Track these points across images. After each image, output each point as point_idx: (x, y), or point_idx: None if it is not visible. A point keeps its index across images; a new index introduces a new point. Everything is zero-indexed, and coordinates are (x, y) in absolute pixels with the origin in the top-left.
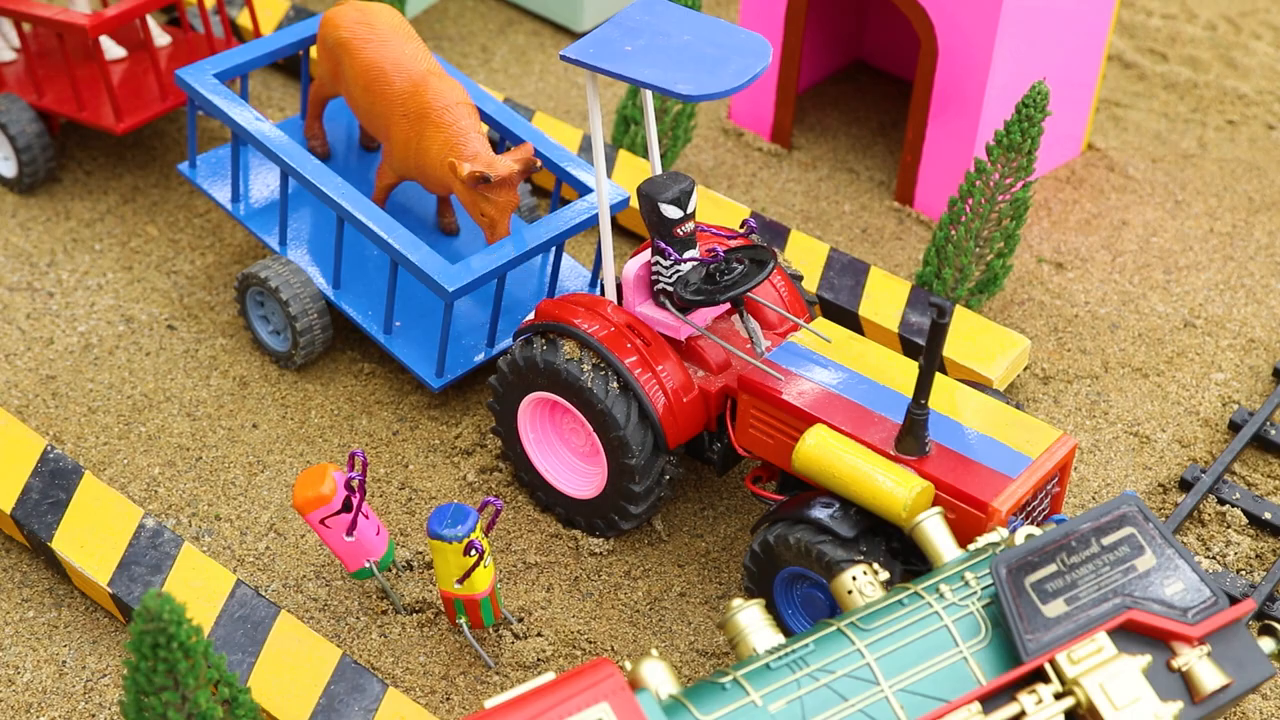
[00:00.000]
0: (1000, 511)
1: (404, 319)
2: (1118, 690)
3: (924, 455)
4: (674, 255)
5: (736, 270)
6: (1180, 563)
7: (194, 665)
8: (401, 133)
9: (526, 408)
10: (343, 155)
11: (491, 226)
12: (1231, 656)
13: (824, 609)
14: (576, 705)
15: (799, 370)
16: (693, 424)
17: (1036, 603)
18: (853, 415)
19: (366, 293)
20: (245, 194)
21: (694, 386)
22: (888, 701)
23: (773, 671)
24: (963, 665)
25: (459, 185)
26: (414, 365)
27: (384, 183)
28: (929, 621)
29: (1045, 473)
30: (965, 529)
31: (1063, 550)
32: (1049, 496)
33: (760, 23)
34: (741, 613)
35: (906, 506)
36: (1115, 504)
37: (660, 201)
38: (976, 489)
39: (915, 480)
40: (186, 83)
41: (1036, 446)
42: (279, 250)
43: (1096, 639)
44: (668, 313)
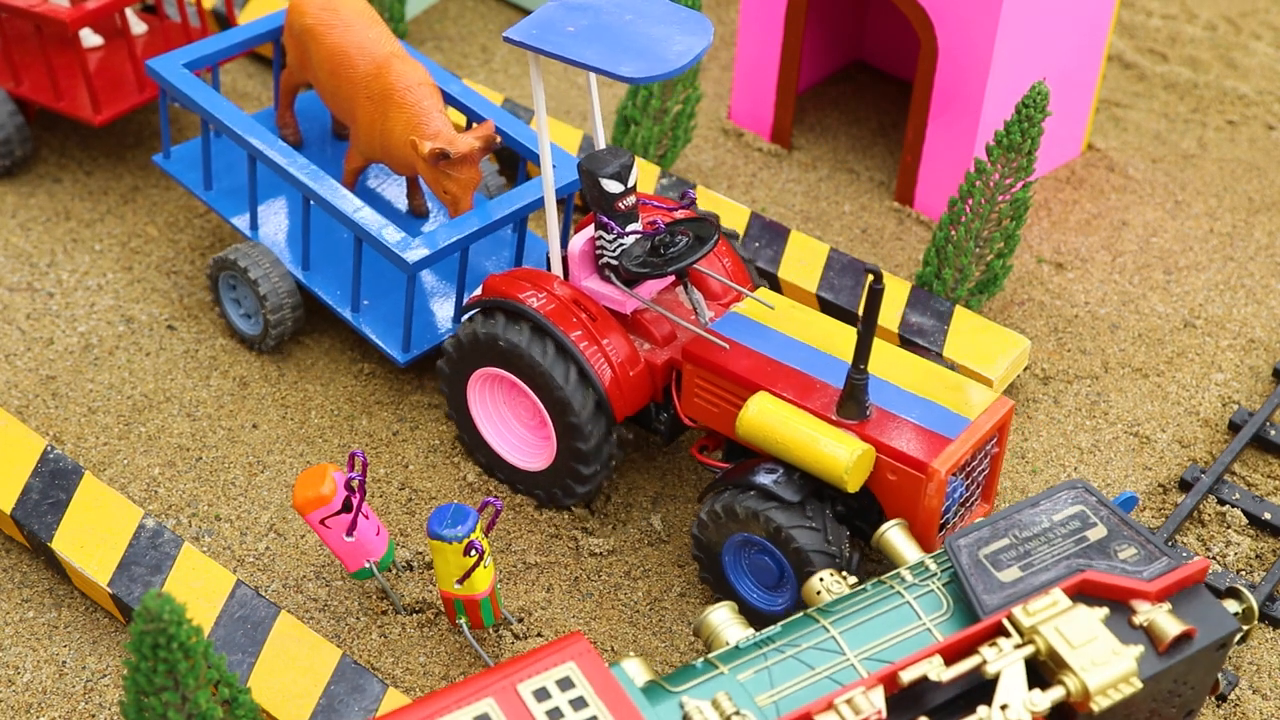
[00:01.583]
0: (940, 472)
1: (373, 298)
2: (1074, 631)
3: (865, 419)
4: (617, 229)
5: (680, 242)
6: (1130, 532)
7: (194, 665)
8: (366, 114)
9: (475, 383)
10: (318, 145)
11: (455, 203)
12: (1194, 614)
13: (773, 574)
14: (544, 666)
15: (742, 339)
16: (640, 396)
17: (991, 570)
18: (795, 382)
19: (336, 274)
20: (217, 181)
21: (640, 359)
22: (854, 668)
23: (742, 651)
24: (926, 635)
25: (422, 163)
26: (381, 341)
27: (352, 166)
28: (892, 599)
29: (984, 433)
30: (906, 491)
31: (1014, 527)
32: (988, 457)
33: (760, 23)
34: (713, 613)
35: (848, 469)
36: (1063, 486)
37: (601, 176)
38: (916, 450)
39: (856, 444)
40: (157, 72)
41: (975, 408)
42: (250, 235)
43: (1052, 594)
44: (613, 286)
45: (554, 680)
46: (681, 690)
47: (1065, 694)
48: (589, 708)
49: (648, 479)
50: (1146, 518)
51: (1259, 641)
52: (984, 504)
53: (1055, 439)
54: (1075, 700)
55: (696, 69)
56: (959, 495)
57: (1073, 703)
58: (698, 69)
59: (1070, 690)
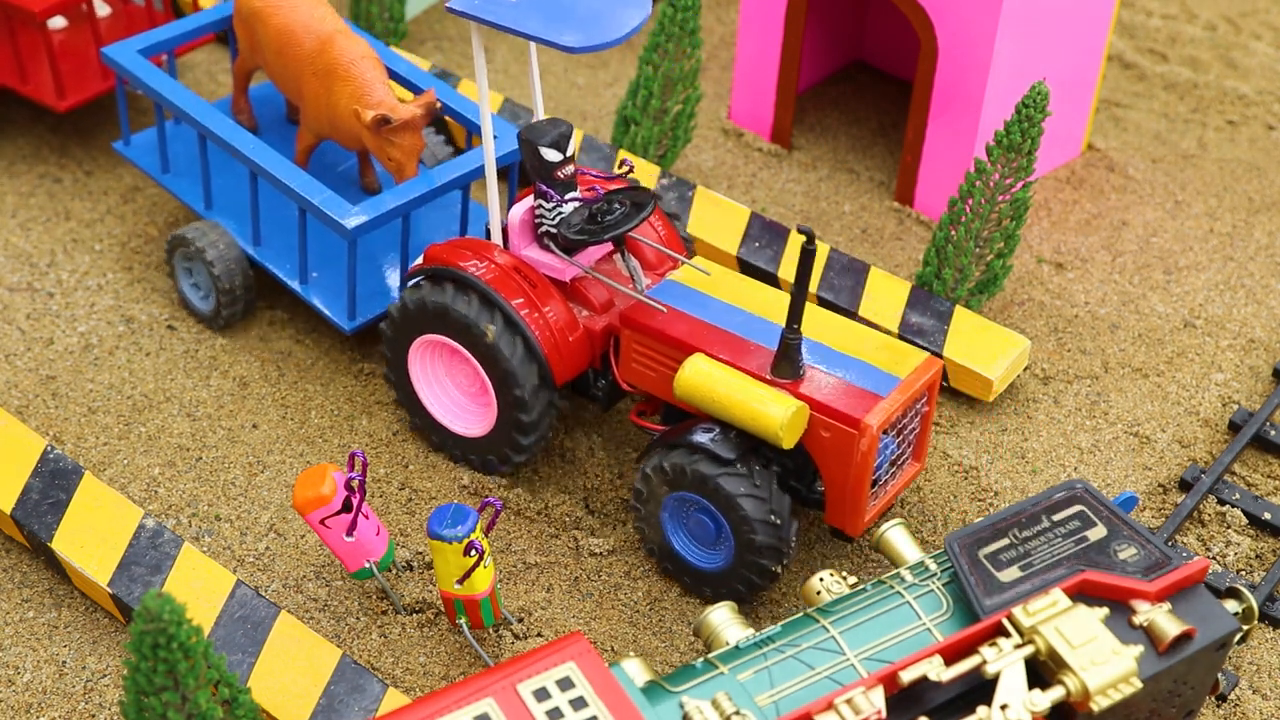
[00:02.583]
0: (871, 427)
1: (321, 270)
2: (1074, 631)
3: (799, 379)
4: (556, 197)
5: (617, 210)
6: (1130, 532)
7: (194, 665)
8: (313, 90)
9: (416, 350)
10: (273, 130)
11: (399, 170)
12: (1194, 614)
13: (711, 533)
14: (544, 666)
15: (678, 305)
16: (578, 361)
17: (991, 570)
18: (730, 345)
19: (286, 248)
20: (175, 166)
21: (579, 325)
22: (854, 668)
23: (742, 651)
24: (926, 635)
25: (366, 132)
26: (328, 310)
27: (303, 144)
28: (892, 599)
29: (914, 391)
30: (839, 447)
31: (1014, 527)
32: (919, 416)
33: (760, 23)
34: (713, 614)
35: (782, 425)
36: (1062, 486)
37: (540, 145)
38: (848, 407)
39: (790, 401)
40: (113, 60)
41: (905, 367)
42: (203, 213)
43: (1052, 594)
44: (552, 254)
45: (554, 680)
46: (681, 690)
47: (1065, 694)
48: (589, 708)
49: None
50: (1146, 518)
51: (1259, 641)
52: (915, 463)
53: (1055, 439)
54: (1075, 700)
55: (696, 69)
56: (890, 453)
57: (1073, 703)
58: (698, 69)
59: (1070, 690)
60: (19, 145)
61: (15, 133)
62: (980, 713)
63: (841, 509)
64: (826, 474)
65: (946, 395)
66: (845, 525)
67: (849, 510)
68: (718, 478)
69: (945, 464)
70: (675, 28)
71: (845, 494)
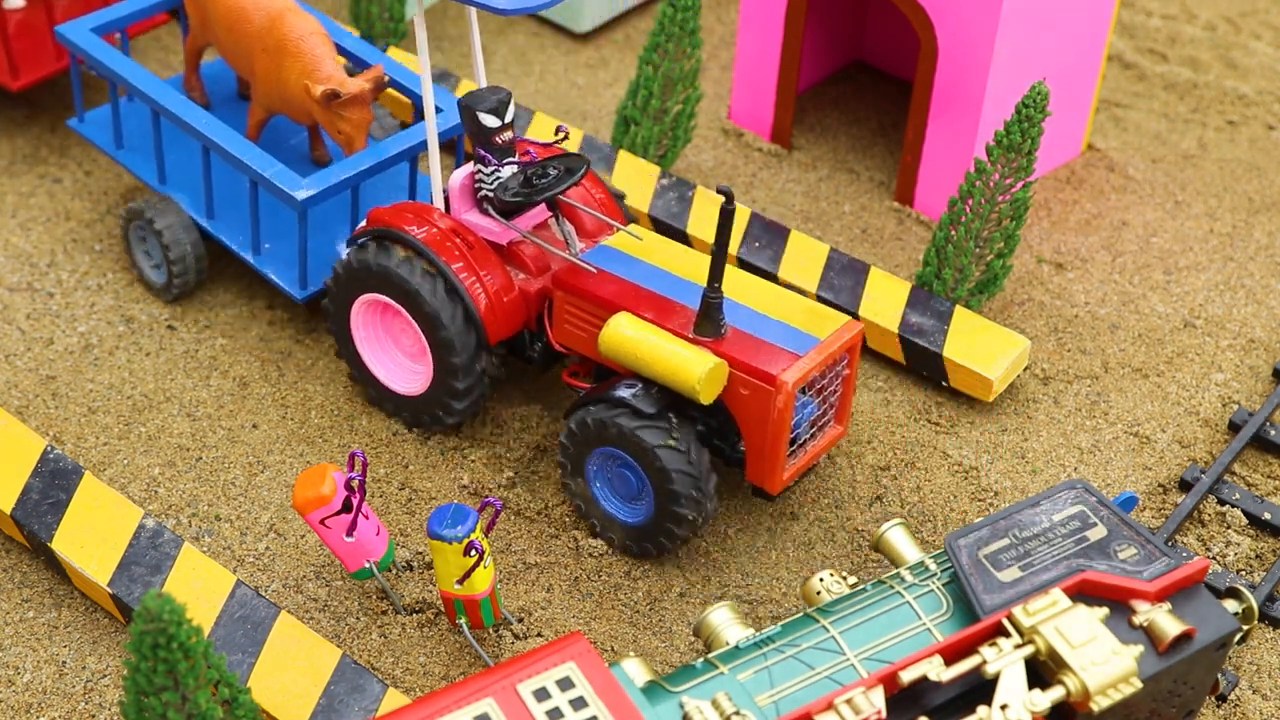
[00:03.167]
0: (787, 384)
1: (274, 242)
2: (1074, 631)
3: (720, 338)
4: (494, 162)
5: (551, 174)
6: (1130, 532)
7: (194, 665)
8: (263, 66)
9: (359, 309)
10: (225, 107)
11: (349, 142)
12: (1194, 614)
13: (633, 487)
14: (544, 666)
15: (609, 267)
16: (513, 322)
17: (991, 570)
18: (656, 305)
19: (239, 221)
20: (126, 141)
21: (514, 287)
22: (854, 669)
23: (742, 651)
24: (926, 635)
25: (316, 106)
26: (281, 280)
27: (255, 120)
28: (892, 599)
29: (831, 352)
30: (757, 404)
31: (1014, 527)
32: (840, 378)
33: (760, 23)
34: (712, 614)
35: (700, 380)
36: (1063, 486)
37: (479, 111)
38: (765, 364)
39: (709, 357)
40: (66, 38)
41: (825, 329)
42: (157, 187)
43: (1052, 594)
44: (490, 218)
45: (554, 680)
46: (681, 690)
47: (1065, 694)
48: (589, 708)
49: None
50: (1146, 518)
51: (1259, 641)
52: (837, 425)
53: (1055, 439)
54: (1075, 700)
55: (696, 69)
56: (810, 413)
57: (1073, 703)
58: (698, 69)
59: (1070, 690)
60: (19, 145)
61: (15, 133)
62: (980, 713)
63: (760, 466)
64: (746, 432)
65: (947, 395)
66: (764, 483)
67: (767, 468)
68: (637, 430)
69: (945, 464)
70: (675, 28)
71: (764, 451)
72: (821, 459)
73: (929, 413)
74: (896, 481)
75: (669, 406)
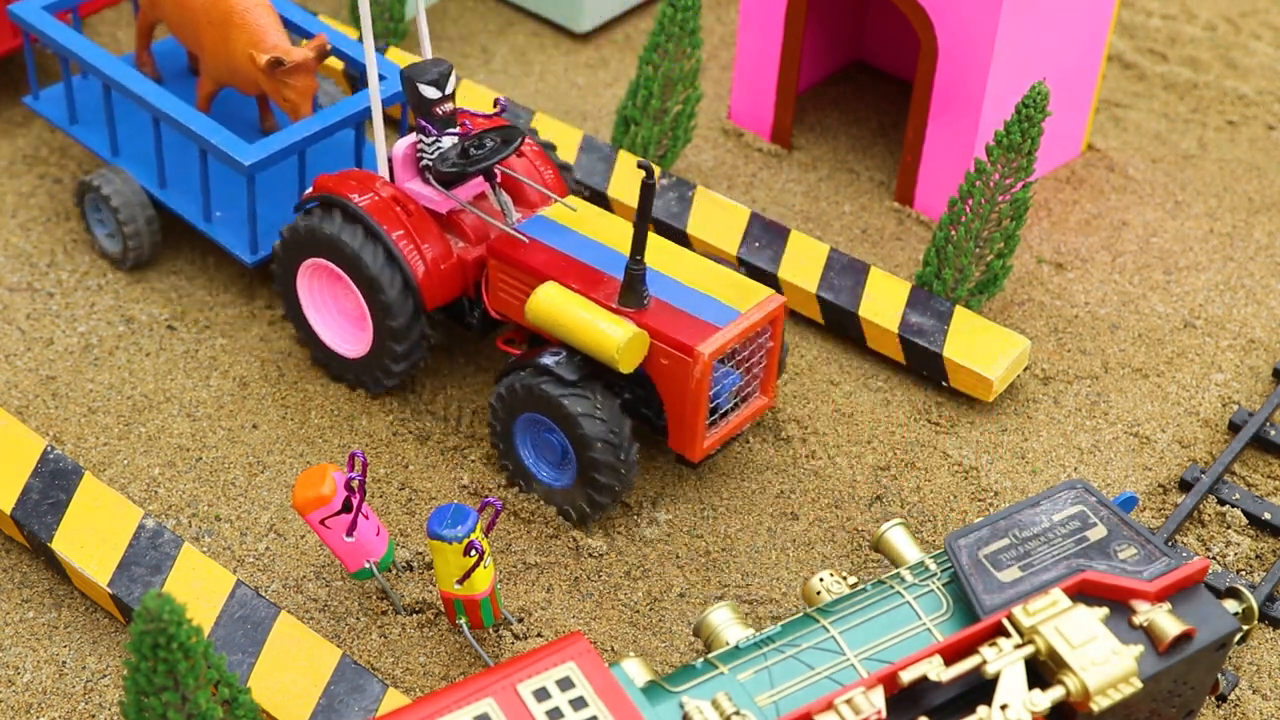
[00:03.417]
0: (704, 355)
1: (225, 209)
2: (1074, 631)
3: (642, 308)
4: (434, 133)
5: (488, 145)
6: (1130, 532)
7: (194, 666)
8: (210, 39)
9: (304, 272)
10: (176, 82)
11: (294, 109)
12: (1194, 614)
13: (557, 452)
14: (544, 666)
15: (542, 238)
16: (450, 288)
17: (991, 570)
18: (584, 275)
19: (191, 190)
20: (80, 116)
21: (452, 255)
22: (854, 669)
23: (742, 651)
24: (926, 635)
25: (262, 75)
26: (231, 246)
27: (204, 92)
28: (892, 599)
29: (751, 324)
30: (676, 374)
31: (1014, 527)
32: (764, 351)
33: (760, 23)
34: (712, 614)
35: (619, 348)
36: (1063, 486)
37: (420, 83)
38: (684, 335)
39: (629, 327)
40: (20, 16)
41: (747, 302)
42: (110, 159)
43: (1052, 594)
44: (431, 188)
45: (554, 680)
46: (681, 690)
47: (1065, 694)
48: (589, 708)
49: (648, 479)
50: (1146, 518)
51: (1259, 641)
52: (763, 396)
53: (1055, 439)
54: (1075, 700)
55: (696, 69)
56: (732, 383)
57: (1073, 703)
58: (698, 69)
59: (1070, 690)
60: (19, 145)
61: (15, 133)
62: (980, 713)
63: (681, 435)
64: (666, 401)
65: (947, 395)
66: (685, 450)
67: (688, 436)
68: (560, 397)
69: (945, 464)
70: (675, 28)
71: (684, 420)
72: (824, 457)
73: (929, 413)
74: (896, 481)
75: (593, 375)
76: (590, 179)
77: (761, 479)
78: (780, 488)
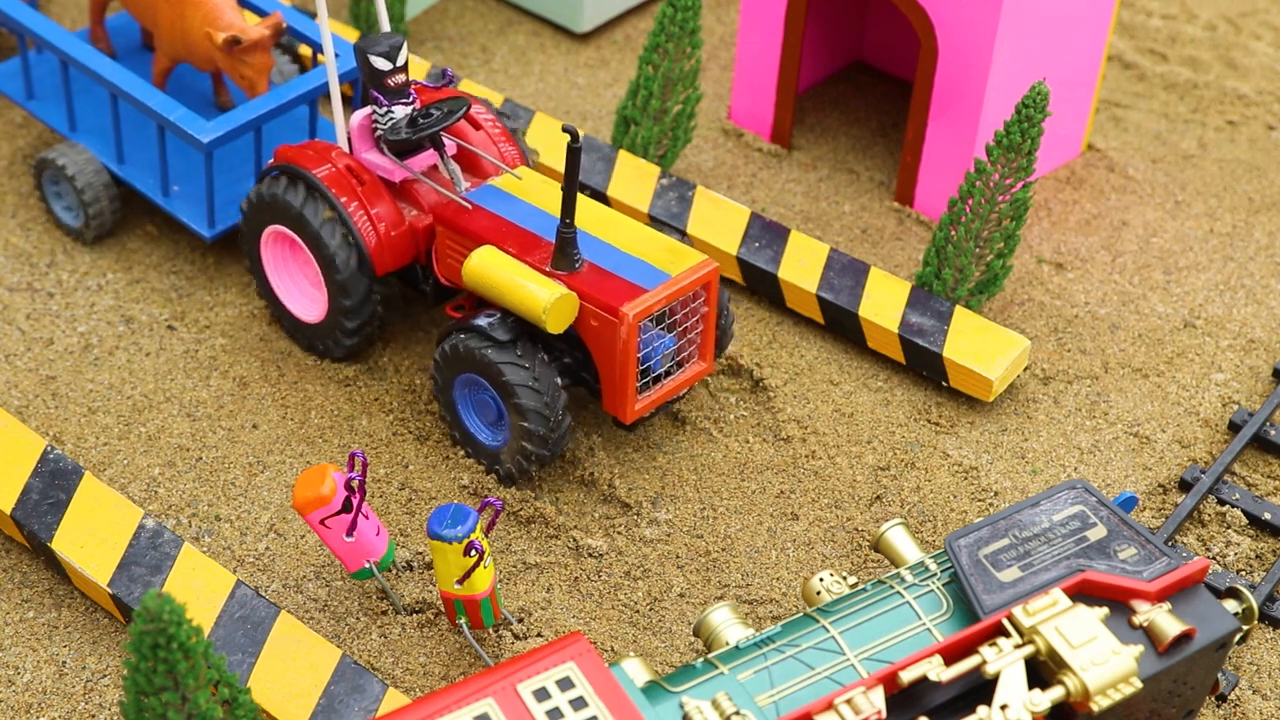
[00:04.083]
0: (629, 316)
1: (183, 184)
2: (1074, 631)
3: (574, 271)
4: (386, 104)
5: (434, 115)
6: (1131, 532)
7: (194, 666)
8: (166, 17)
9: (267, 239)
10: (130, 58)
11: (251, 86)
12: (1194, 614)
13: (493, 411)
14: (544, 666)
15: (489, 205)
16: (401, 255)
17: (991, 570)
18: (522, 240)
19: (148, 165)
20: (37, 91)
21: (404, 222)
22: (854, 669)
23: (742, 651)
24: (926, 636)
25: (218, 53)
26: (189, 220)
27: (159, 68)
28: (892, 600)
29: (680, 287)
30: (605, 335)
31: (1014, 527)
32: (697, 315)
33: (760, 23)
34: (713, 614)
35: (546, 309)
36: (1063, 486)
37: (371, 54)
38: (611, 297)
39: (557, 288)
40: None
41: (678, 267)
42: (68, 135)
43: (1052, 594)
44: (386, 158)
45: (554, 680)
46: (681, 690)
47: (1065, 694)
48: (589, 708)
49: (648, 479)
50: (1146, 518)
51: (1259, 641)
52: (701, 362)
53: (1055, 439)
54: (1075, 700)
55: (696, 69)
56: (666, 346)
57: (1073, 703)
58: (698, 69)
59: (1070, 690)
60: (19, 145)
61: (15, 133)
62: (980, 713)
63: (613, 396)
64: (598, 362)
65: (947, 395)
66: (617, 412)
67: (619, 397)
68: (491, 356)
69: (945, 464)
70: (675, 28)
71: (614, 381)
72: (824, 457)
73: (929, 413)
74: (896, 481)
75: (529, 337)
76: (590, 179)
77: (761, 479)
78: (780, 488)
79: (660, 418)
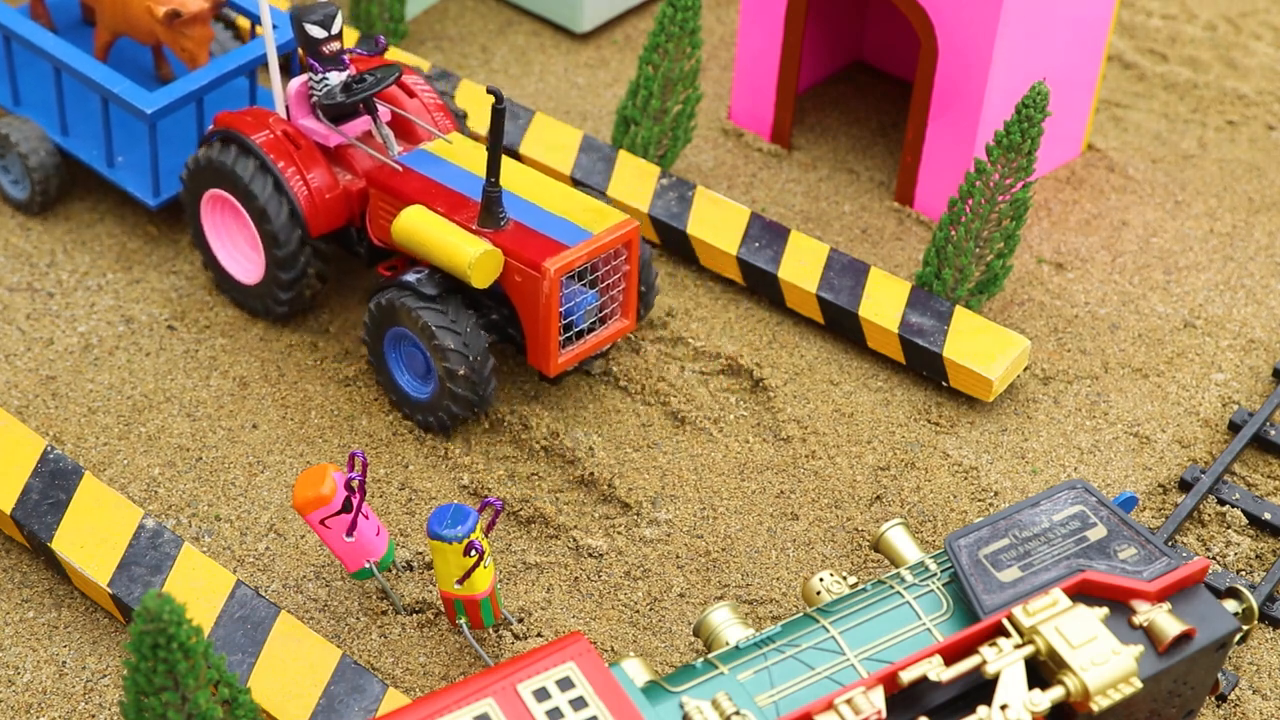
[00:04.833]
0: (550, 270)
1: (128, 155)
2: (1074, 631)
3: (500, 229)
4: (321, 70)
5: (366, 80)
6: (1131, 532)
7: (194, 666)
8: None
9: (206, 203)
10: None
11: (192, 58)
12: (1194, 614)
13: (421, 364)
14: (544, 666)
15: (418, 168)
16: (335, 217)
17: (991, 570)
18: (450, 200)
19: (93, 136)
20: None
21: (338, 185)
22: (854, 669)
23: (742, 651)
24: (926, 636)
25: (159, 27)
26: (134, 190)
27: (101, 42)
28: (892, 600)
29: (601, 244)
30: (527, 290)
31: (1014, 527)
32: (620, 273)
33: (760, 23)
34: (712, 614)
35: (470, 264)
36: (1063, 486)
37: (306, 22)
38: (535, 253)
39: (481, 244)
40: None
41: (599, 225)
42: (12, 109)
43: (1052, 594)
44: (321, 124)
45: (554, 680)
46: (681, 690)
47: (1065, 694)
48: (589, 708)
49: (648, 479)
50: (1146, 518)
51: (1259, 641)
52: (624, 319)
53: (1055, 439)
54: (1075, 700)
55: (696, 69)
56: (588, 302)
57: (1073, 703)
58: (698, 69)
59: (1070, 690)
60: None
61: None
62: (980, 713)
63: (536, 349)
64: (522, 316)
65: (947, 395)
66: (541, 365)
67: (542, 351)
68: (418, 310)
69: (945, 464)
70: (675, 28)
71: (538, 335)
72: (824, 457)
73: (929, 413)
74: (896, 481)
75: (456, 292)
76: (590, 179)
77: (761, 479)
78: (780, 488)
79: (660, 418)
